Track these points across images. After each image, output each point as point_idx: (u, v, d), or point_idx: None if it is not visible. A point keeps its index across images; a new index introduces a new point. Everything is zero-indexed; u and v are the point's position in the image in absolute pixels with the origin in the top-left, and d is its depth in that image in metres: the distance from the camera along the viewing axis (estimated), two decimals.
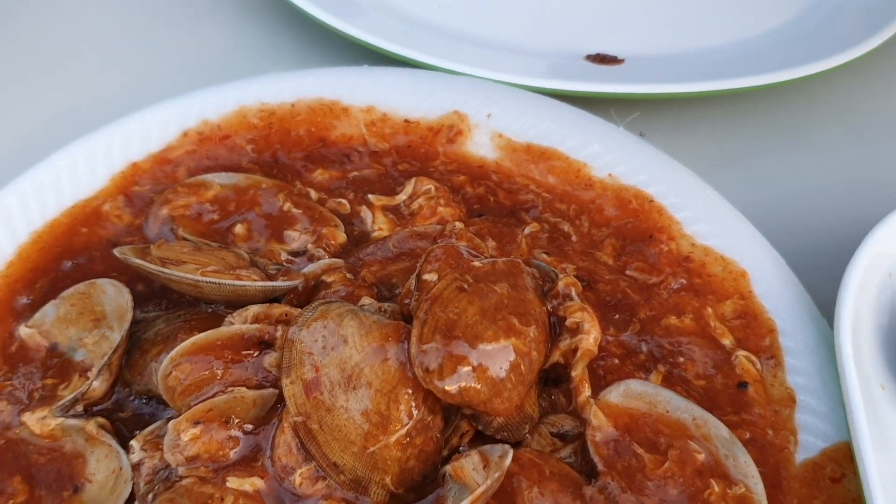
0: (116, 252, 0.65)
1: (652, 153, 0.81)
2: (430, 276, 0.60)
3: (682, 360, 0.68)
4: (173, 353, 0.58)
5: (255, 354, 0.59)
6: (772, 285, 0.72)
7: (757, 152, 0.93)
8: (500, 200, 0.80)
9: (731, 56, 0.97)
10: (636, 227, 0.77)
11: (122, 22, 1.03)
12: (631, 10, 1.07)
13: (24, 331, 0.68)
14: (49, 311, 0.68)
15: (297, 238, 0.72)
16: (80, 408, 0.63)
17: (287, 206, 0.75)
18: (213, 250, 0.68)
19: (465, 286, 0.59)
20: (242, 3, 1.07)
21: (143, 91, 0.87)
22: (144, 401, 0.64)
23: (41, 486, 0.60)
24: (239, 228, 0.73)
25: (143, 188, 0.77)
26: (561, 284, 0.63)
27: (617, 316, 0.70)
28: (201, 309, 0.66)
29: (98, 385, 0.62)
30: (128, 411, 0.63)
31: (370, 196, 0.78)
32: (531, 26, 1.02)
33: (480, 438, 0.59)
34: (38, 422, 0.62)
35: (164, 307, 0.68)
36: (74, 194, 0.76)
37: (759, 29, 1.02)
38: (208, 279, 0.62)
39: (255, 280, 0.64)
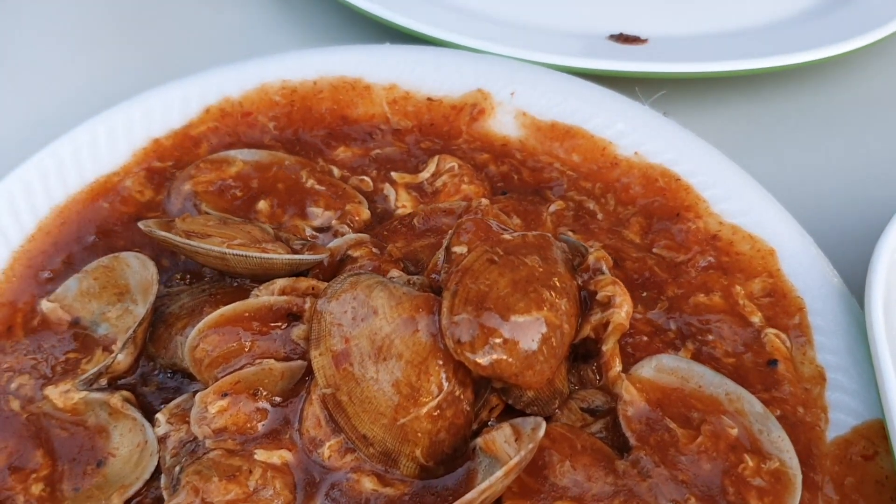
0: (141, 225, 0.64)
1: (678, 131, 0.80)
2: (460, 249, 0.60)
3: (710, 337, 0.67)
4: (200, 324, 0.57)
5: (284, 326, 0.58)
6: (800, 263, 0.71)
7: (782, 132, 0.92)
8: (524, 178, 0.79)
9: (754, 36, 0.96)
10: (663, 206, 0.76)
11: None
12: None
13: (46, 305, 0.67)
14: (72, 285, 0.67)
15: (320, 214, 0.72)
16: (103, 382, 0.62)
17: (310, 182, 0.74)
18: (237, 224, 0.67)
19: (496, 258, 0.58)
20: None
21: (165, 67, 0.86)
22: (169, 374, 0.63)
23: (64, 460, 0.60)
24: (262, 204, 0.72)
25: (165, 164, 0.76)
26: (591, 259, 0.62)
27: (645, 294, 0.69)
28: (226, 283, 0.65)
29: (122, 359, 0.62)
30: (152, 385, 0.63)
31: (393, 174, 0.77)
32: (554, 5, 1.01)
33: (510, 413, 0.58)
34: (62, 395, 0.62)
35: (189, 282, 0.67)
36: (95, 169, 0.75)
37: (784, 9, 1.01)
38: (235, 251, 0.61)
39: (282, 253, 0.63)
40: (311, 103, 0.82)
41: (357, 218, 0.72)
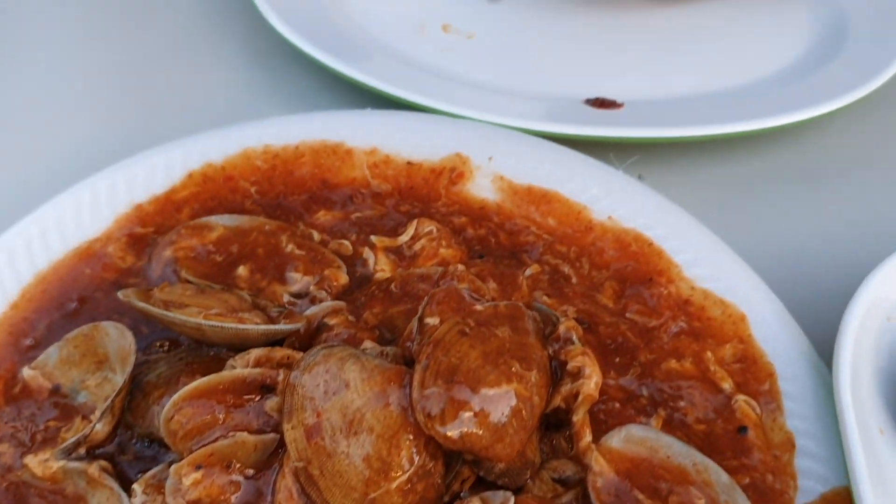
0: (120, 295, 0.65)
1: (651, 196, 0.82)
2: (432, 320, 0.61)
3: (682, 404, 0.68)
4: (175, 397, 0.58)
5: (257, 399, 0.59)
6: (771, 329, 0.73)
7: (755, 196, 0.93)
8: (501, 242, 0.81)
9: (728, 101, 0.98)
10: (636, 270, 0.78)
11: (126, 63, 1.04)
12: (629, 55, 1.08)
13: (27, 372, 0.68)
14: (52, 352, 0.68)
15: (299, 279, 0.73)
16: (82, 450, 0.63)
17: (290, 247, 0.75)
18: (215, 293, 0.69)
19: (467, 330, 0.59)
20: (247, 45, 1.09)
21: (149, 132, 0.88)
22: (146, 444, 0.64)
23: None
24: (242, 270, 0.73)
25: (147, 230, 0.78)
26: (562, 328, 0.64)
27: (618, 359, 0.71)
28: (203, 352, 0.66)
29: (101, 428, 0.63)
30: (130, 454, 0.64)
31: (372, 237, 0.78)
32: (531, 71, 1.03)
33: (482, 484, 0.59)
34: (41, 464, 0.63)
35: (167, 349, 0.68)
36: (79, 235, 0.77)
37: (757, 74, 1.03)
38: (211, 322, 0.63)
39: (258, 323, 0.64)
40: (292, 167, 0.84)
41: (335, 283, 0.73)
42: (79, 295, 0.73)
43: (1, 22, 1.11)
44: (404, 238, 0.78)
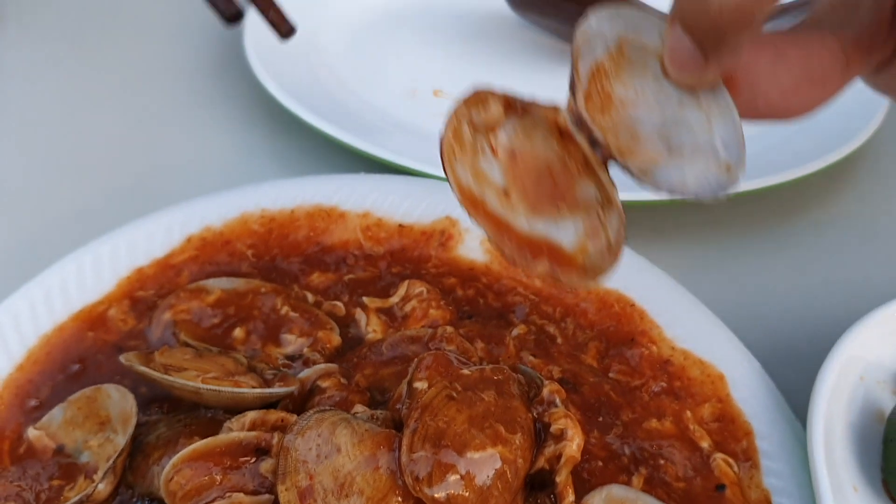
0: (122, 359, 0.68)
1: (633, 258, 0.84)
2: (420, 384, 0.63)
3: (662, 462, 0.70)
4: (175, 458, 0.60)
5: (252, 461, 0.61)
6: (748, 388, 0.75)
7: (733, 257, 0.96)
8: (489, 302, 0.83)
9: None
10: (619, 331, 0.80)
11: (127, 130, 1.08)
12: None
13: (32, 433, 0.70)
14: (56, 413, 0.70)
15: (293, 341, 0.76)
16: None
17: (284, 309, 0.78)
18: (212, 356, 0.71)
19: (454, 394, 0.62)
20: (245, 111, 1.12)
21: (149, 197, 0.91)
22: (147, 503, 0.66)
23: None
24: (238, 332, 0.76)
25: (148, 293, 0.80)
26: (546, 391, 0.66)
27: (601, 418, 0.73)
28: (201, 413, 0.69)
29: (103, 488, 0.65)
30: None
31: (364, 298, 0.81)
32: None
33: None
34: None
35: (166, 410, 0.71)
36: (82, 298, 0.79)
37: None
38: (208, 386, 0.65)
39: (253, 387, 0.67)
40: (288, 231, 0.87)
41: (328, 345, 0.76)
42: (82, 357, 0.75)
43: (3, 89, 1.15)
44: (395, 299, 0.81)
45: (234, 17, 0.68)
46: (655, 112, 0.54)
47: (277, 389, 0.67)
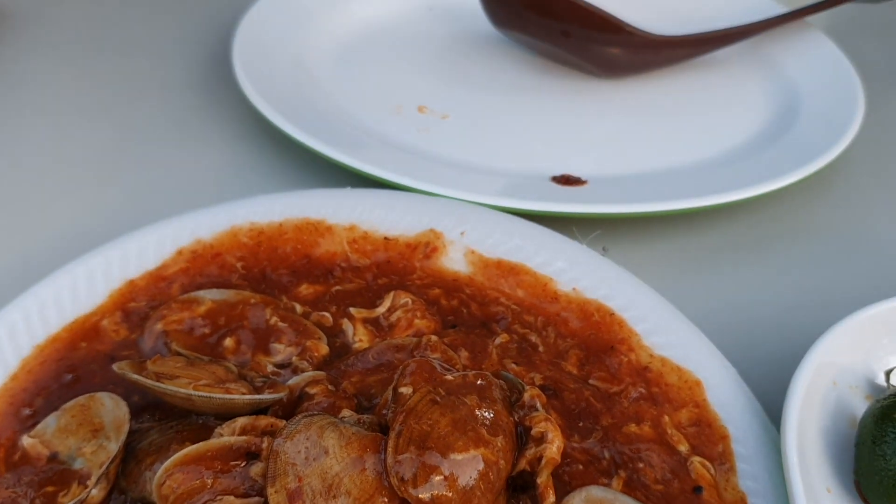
0: (115, 367, 0.70)
1: (613, 269, 0.87)
2: (405, 390, 0.65)
3: (641, 465, 0.72)
4: (167, 463, 0.62)
5: (243, 465, 0.63)
6: (724, 394, 0.77)
7: (711, 266, 0.99)
8: (472, 312, 0.85)
9: (684, 177, 1.04)
10: (598, 339, 0.83)
11: (119, 145, 1.10)
12: (592, 134, 1.15)
13: (26, 440, 0.72)
14: (50, 421, 0.72)
15: (282, 350, 0.78)
16: None
17: (273, 319, 0.80)
18: (204, 364, 0.73)
19: (438, 399, 0.64)
20: (234, 128, 1.14)
21: (141, 211, 0.92)
22: None
23: None
24: (228, 342, 0.78)
25: (140, 304, 0.82)
26: (527, 396, 0.68)
27: (581, 423, 0.75)
28: (192, 420, 0.70)
29: (96, 493, 0.66)
30: None
31: (351, 309, 0.83)
32: (501, 150, 1.09)
33: None
34: None
35: (158, 418, 0.72)
36: (75, 310, 0.81)
37: (712, 152, 1.10)
38: (200, 393, 0.67)
39: (244, 393, 0.69)
40: (276, 243, 0.89)
41: (316, 354, 0.78)
42: (75, 367, 0.77)
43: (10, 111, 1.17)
44: (381, 310, 0.83)
45: None
46: None
47: (267, 396, 0.69)
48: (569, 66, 1.23)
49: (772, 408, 0.76)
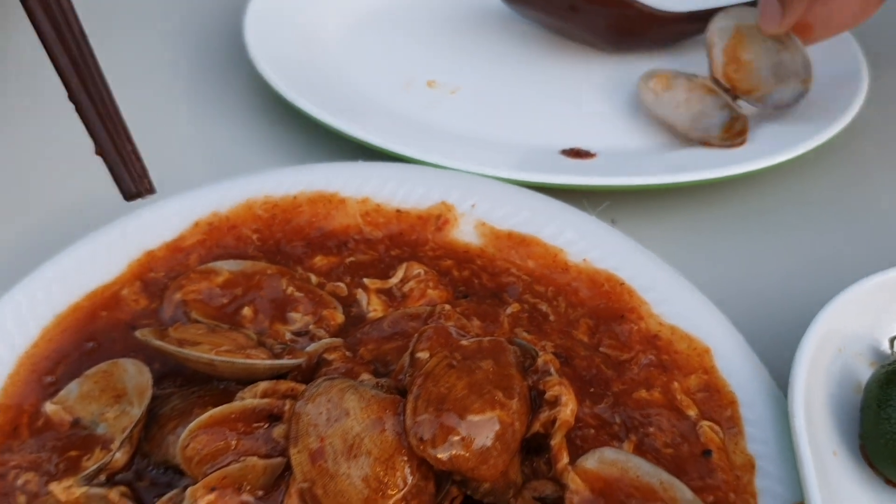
0: (137, 334, 0.71)
1: (622, 240, 0.88)
2: (422, 355, 0.67)
3: (651, 429, 0.74)
4: (191, 425, 0.64)
5: (265, 426, 0.65)
6: (732, 361, 0.79)
7: (719, 237, 1.00)
8: (483, 283, 0.87)
9: (693, 150, 1.05)
10: (608, 308, 0.84)
11: (134, 120, 1.10)
12: (603, 108, 1.15)
13: (49, 407, 0.73)
14: (73, 388, 0.74)
15: (299, 319, 0.79)
16: (102, 477, 0.68)
17: (290, 289, 0.81)
18: (224, 332, 0.75)
19: (454, 363, 0.65)
20: (248, 103, 1.15)
21: (157, 184, 0.93)
22: (162, 471, 0.69)
23: None
24: (246, 311, 0.79)
25: (159, 274, 0.83)
26: (540, 361, 0.70)
27: (592, 389, 0.77)
28: (214, 386, 0.72)
29: (120, 456, 0.68)
30: (146, 480, 0.69)
31: (365, 280, 0.84)
32: (511, 123, 1.10)
33: (469, 503, 0.64)
34: (65, 490, 0.68)
35: (179, 384, 0.74)
36: (95, 279, 0.82)
37: None
38: (222, 358, 0.69)
39: (264, 359, 0.70)
40: (291, 216, 0.90)
41: (332, 322, 0.79)
42: (96, 335, 0.78)
43: (13, 80, 1.18)
44: (394, 280, 0.84)
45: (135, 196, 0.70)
46: (766, 61, 1.09)
47: (287, 361, 0.70)
48: (577, 40, 1.23)
49: (779, 374, 0.78)
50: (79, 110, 0.69)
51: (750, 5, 1.11)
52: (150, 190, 0.72)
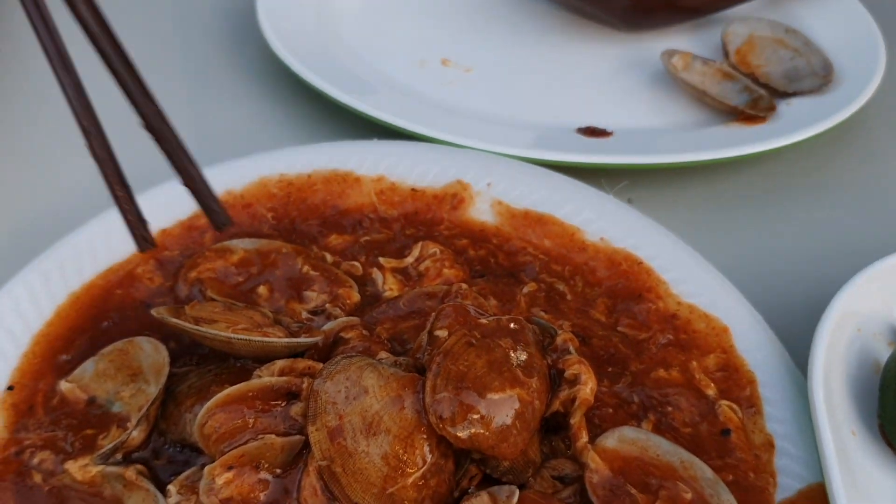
0: (154, 312, 0.71)
1: (640, 219, 0.88)
2: (440, 333, 0.66)
3: (670, 409, 0.74)
4: (209, 403, 0.63)
5: (283, 404, 0.64)
6: (751, 340, 0.78)
7: (736, 217, 0.99)
8: (500, 262, 0.86)
9: (711, 128, 1.04)
10: (626, 287, 0.83)
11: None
12: (618, 87, 1.15)
13: (64, 385, 0.73)
14: (88, 366, 0.73)
15: (314, 298, 0.79)
16: (119, 456, 0.68)
17: (305, 268, 0.81)
18: (240, 310, 0.74)
19: (474, 341, 0.65)
20: (261, 81, 1.15)
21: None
22: (178, 448, 0.69)
23: None
24: (262, 289, 0.79)
25: (174, 253, 0.83)
26: (559, 340, 0.69)
27: (610, 369, 0.76)
28: (230, 364, 0.72)
29: (136, 435, 0.68)
30: (163, 458, 0.69)
31: (381, 259, 0.84)
32: (526, 102, 1.10)
33: (488, 481, 0.64)
34: (81, 469, 0.68)
35: (196, 363, 0.74)
36: (109, 258, 0.82)
37: None
38: (239, 336, 0.68)
39: (281, 337, 0.70)
40: (305, 195, 0.89)
41: (348, 301, 0.79)
42: (111, 314, 0.78)
43: (31, 62, 1.17)
44: (410, 259, 0.84)
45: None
46: (777, 68, 1.12)
47: (305, 339, 0.70)
48: (592, 19, 1.22)
49: (797, 354, 0.77)
50: (161, 146, 0.73)
51: None
52: (231, 223, 0.74)
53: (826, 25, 1.20)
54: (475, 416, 0.61)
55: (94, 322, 0.78)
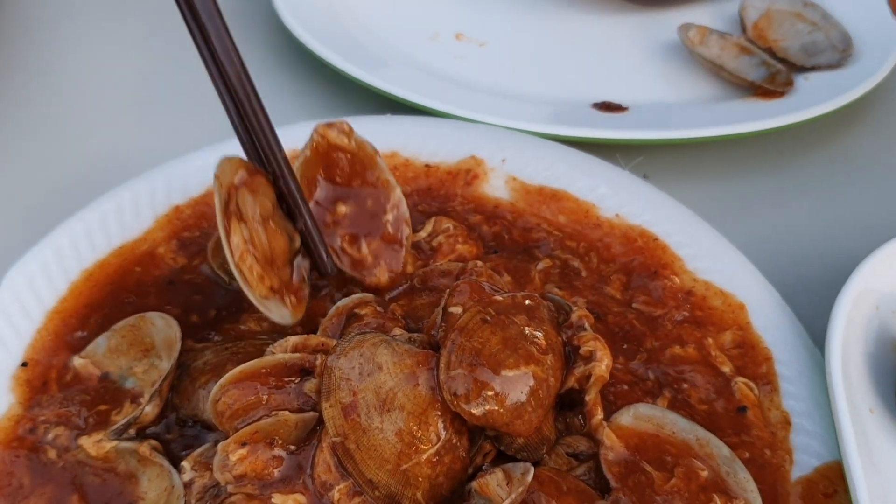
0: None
1: (656, 195, 0.87)
2: (455, 309, 0.66)
3: (685, 386, 0.73)
4: (223, 380, 0.63)
5: (297, 381, 0.64)
6: (768, 317, 0.78)
7: (753, 192, 0.98)
8: (514, 238, 0.86)
9: (727, 103, 1.03)
10: (642, 264, 0.83)
11: (161, 74, 1.09)
12: (633, 61, 1.13)
13: (77, 361, 0.73)
14: (101, 342, 0.73)
15: (364, 252, 0.77)
16: (132, 431, 0.68)
17: (389, 216, 0.79)
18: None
19: (488, 318, 0.64)
20: (274, 56, 1.14)
21: (182, 138, 0.92)
22: (190, 424, 0.69)
23: None
24: (342, 207, 0.78)
25: (193, 234, 0.83)
26: (574, 316, 0.69)
27: (625, 346, 0.76)
28: (248, 342, 0.71)
29: (149, 410, 0.68)
30: (175, 434, 0.69)
31: None
32: (541, 76, 1.09)
33: (502, 458, 0.64)
34: (94, 444, 0.68)
35: (215, 340, 0.74)
36: (122, 234, 0.82)
37: None
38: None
39: (295, 303, 0.70)
40: None
41: (380, 278, 0.78)
42: (127, 290, 0.78)
43: (46, 42, 1.17)
44: (423, 234, 0.83)
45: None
46: (795, 42, 1.11)
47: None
48: None
49: (815, 331, 0.77)
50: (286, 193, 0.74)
51: None
52: (336, 272, 0.76)
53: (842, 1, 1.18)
54: (490, 393, 0.60)
55: (110, 299, 0.78)
